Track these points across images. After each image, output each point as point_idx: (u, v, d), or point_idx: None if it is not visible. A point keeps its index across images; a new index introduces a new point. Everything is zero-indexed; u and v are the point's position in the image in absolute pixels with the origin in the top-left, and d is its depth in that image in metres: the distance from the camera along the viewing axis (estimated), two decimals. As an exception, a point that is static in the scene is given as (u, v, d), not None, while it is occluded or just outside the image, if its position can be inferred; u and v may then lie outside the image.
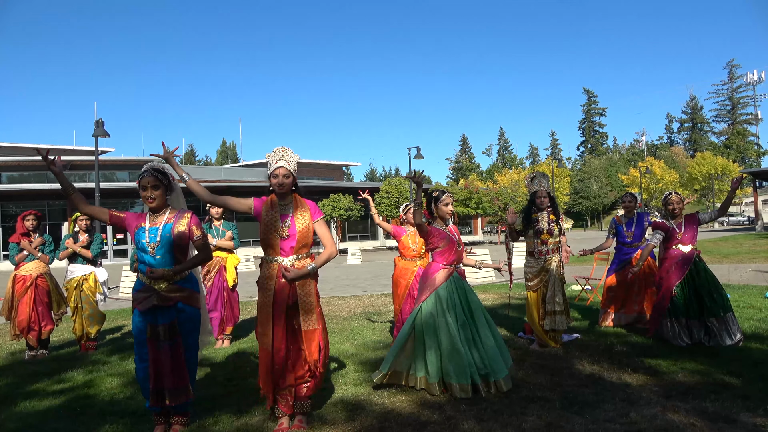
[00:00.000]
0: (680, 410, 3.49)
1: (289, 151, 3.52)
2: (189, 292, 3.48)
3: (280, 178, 3.47)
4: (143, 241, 3.41)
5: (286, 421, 3.46)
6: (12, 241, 6.07)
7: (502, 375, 4.00)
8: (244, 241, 35.80)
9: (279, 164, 3.47)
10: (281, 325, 3.41)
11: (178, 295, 3.41)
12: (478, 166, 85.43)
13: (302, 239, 3.46)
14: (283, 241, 3.45)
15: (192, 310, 3.50)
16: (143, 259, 3.44)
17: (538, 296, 5.34)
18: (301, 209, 3.52)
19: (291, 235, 3.45)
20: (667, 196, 5.62)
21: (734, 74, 79.84)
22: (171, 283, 3.40)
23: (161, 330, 3.37)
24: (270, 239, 3.45)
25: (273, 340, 3.40)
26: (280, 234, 3.44)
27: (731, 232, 34.31)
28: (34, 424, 3.76)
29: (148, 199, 3.44)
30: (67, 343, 6.80)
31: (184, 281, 3.48)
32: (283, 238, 3.44)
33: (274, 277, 3.44)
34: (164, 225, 3.43)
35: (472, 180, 45.27)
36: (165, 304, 3.38)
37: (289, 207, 3.52)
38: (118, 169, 38.21)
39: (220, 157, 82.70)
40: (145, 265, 3.42)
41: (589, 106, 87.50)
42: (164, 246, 3.40)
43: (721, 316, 5.18)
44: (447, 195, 4.43)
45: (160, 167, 3.56)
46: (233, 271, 6.42)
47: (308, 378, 3.46)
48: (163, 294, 3.37)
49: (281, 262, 3.44)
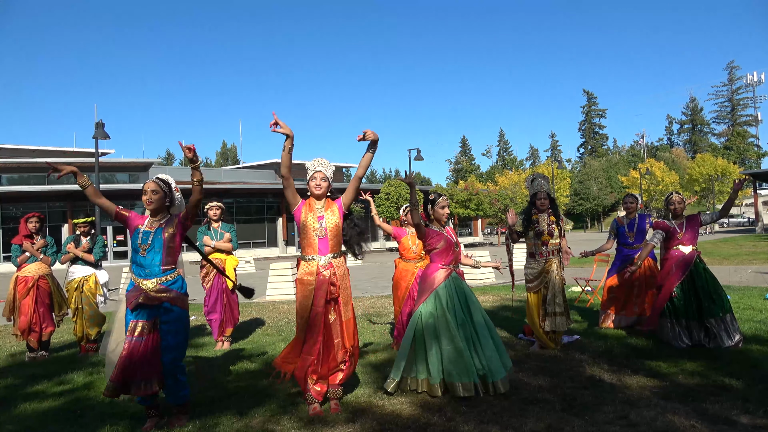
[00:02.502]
0: (680, 412, 3.49)
1: (326, 161, 3.95)
2: (176, 293, 3.64)
3: (318, 180, 3.87)
4: (137, 242, 3.64)
5: (318, 406, 3.77)
6: (14, 243, 6.09)
7: (500, 376, 3.99)
8: (243, 242, 35.61)
9: (318, 168, 3.89)
10: (319, 319, 3.72)
11: (164, 295, 3.58)
12: (478, 168, 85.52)
13: (333, 237, 3.81)
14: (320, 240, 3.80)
15: (179, 311, 3.66)
16: (135, 258, 3.65)
17: (539, 298, 5.34)
18: (330, 209, 3.86)
19: (325, 234, 3.80)
20: (669, 196, 5.62)
21: (734, 76, 80.00)
22: (158, 283, 3.59)
23: (141, 326, 3.53)
24: (308, 239, 3.81)
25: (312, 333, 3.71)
26: (318, 234, 3.79)
27: (731, 234, 34.31)
28: (34, 426, 3.76)
29: (147, 202, 3.69)
30: (68, 344, 6.81)
31: (171, 283, 3.63)
32: (321, 237, 3.79)
33: (314, 274, 3.75)
34: (156, 229, 3.65)
35: (472, 181, 45.32)
36: (150, 303, 3.55)
37: (323, 209, 3.86)
38: (119, 170, 38.20)
39: (220, 158, 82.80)
40: (136, 265, 3.63)
41: (589, 108, 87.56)
42: (153, 248, 3.62)
43: (720, 317, 5.18)
44: (443, 198, 4.45)
45: (165, 178, 3.83)
46: (232, 272, 6.42)
47: (341, 367, 3.82)
48: (150, 294, 3.55)
49: (319, 261, 3.77)
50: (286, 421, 3.63)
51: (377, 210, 8.08)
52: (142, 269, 3.61)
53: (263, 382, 4.58)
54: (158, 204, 3.69)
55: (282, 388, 4.31)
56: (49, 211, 30.29)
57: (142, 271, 3.61)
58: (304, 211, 3.83)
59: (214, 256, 6.35)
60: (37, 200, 30.49)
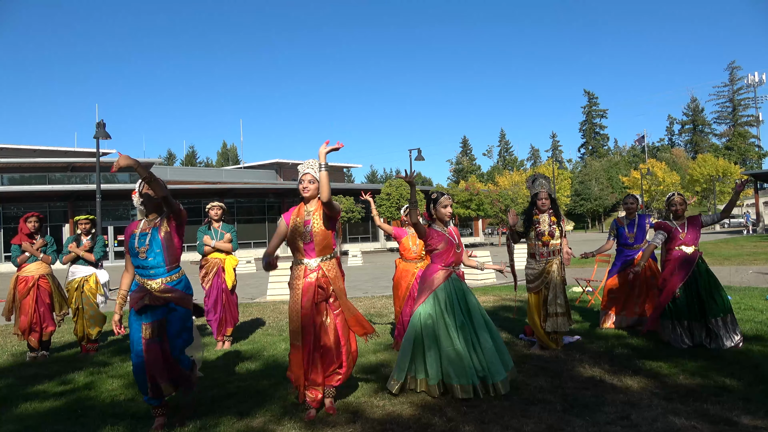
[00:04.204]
0: (681, 412, 3.49)
1: (315, 162, 3.77)
2: (180, 294, 3.64)
3: (305, 182, 3.78)
4: (134, 246, 3.61)
5: (314, 412, 3.72)
6: (14, 243, 6.09)
7: (500, 378, 3.98)
8: (243, 242, 35.62)
9: (306, 171, 3.80)
10: (309, 323, 3.67)
11: (169, 295, 3.58)
12: (479, 168, 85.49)
13: (321, 241, 3.73)
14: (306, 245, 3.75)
15: (183, 310, 3.66)
16: (137, 262, 3.63)
17: (539, 298, 5.34)
18: (319, 212, 3.76)
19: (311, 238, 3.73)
20: (671, 197, 5.62)
21: (735, 76, 79.90)
22: (163, 283, 3.58)
23: (150, 327, 3.53)
24: (295, 243, 3.78)
25: (303, 337, 3.67)
26: (303, 238, 3.73)
27: (732, 234, 34.29)
28: (35, 426, 3.76)
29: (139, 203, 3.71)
30: (68, 344, 6.81)
31: (176, 282, 3.64)
32: (306, 242, 3.74)
33: (302, 277, 3.73)
34: (152, 229, 3.63)
35: (473, 182, 45.32)
36: (156, 304, 3.55)
37: (311, 213, 3.78)
38: (120, 170, 38.15)
39: (221, 158, 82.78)
40: (140, 268, 3.61)
41: (590, 108, 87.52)
42: (152, 249, 3.59)
43: (721, 317, 5.18)
44: (446, 197, 4.42)
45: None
46: (232, 272, 6.43)
47: (338, 370, 3.77)
48: (155, 294, 3.55)
49: (307, 264, 3.74)
50: (287, 421, 3.63)
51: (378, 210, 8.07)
52: (146, 270, 3.60)
53: (264, 382, 4.58)
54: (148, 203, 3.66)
55: (282, 388, 4.31)
56: (50, 211, 30.30)
57: (146, 271, 3.60)
58: (293, 216, 3.80)
59: (214, 255, 6.36)
60: (38, 200, 30.49)
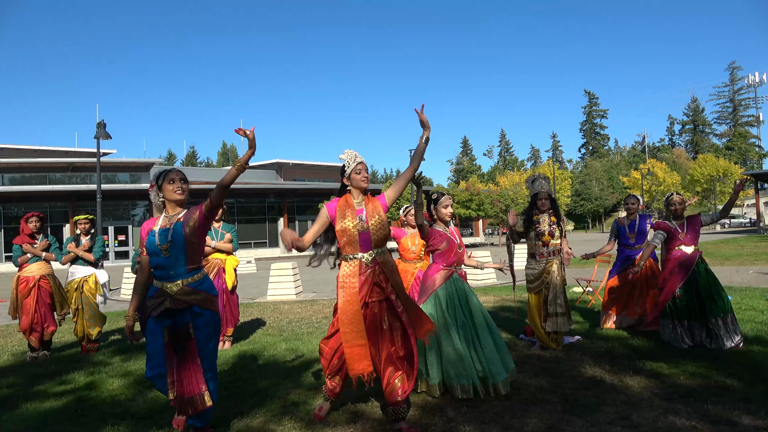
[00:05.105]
0: (681, 413, 3.49)
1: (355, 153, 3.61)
2: (204, 295, 3.28)
3: (364, 172, 3.54)
4: (154, 244, 3.24)
5: (328, 405, 3.64)
6: (15, 243, 6.10)
7: (500, 378, 3.97)
8: (244, 243, 35.51)
9: (360, 159, 3.55)
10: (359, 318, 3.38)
11: (192, 297, 3.23)
12: (480, 168, 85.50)
13: (377, 231, 3.43)
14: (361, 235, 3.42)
15: (210, 314, 3.29)
16: (155, 262, 3.27)
17: (540, 298, 5.34)
18: (372, 203, 3.52)
19: (367, 229, 3.43)
20: (669, 197, 5.62)
21: (736, 76, 79.96)
22: (184, 285, 3.24)
23: (174, 334, 3.22)
24: (348, 235, 3.43)
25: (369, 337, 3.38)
26: (360, 228, 3.42)
27: (732, 234, 34.26)
28: (36, 426, 3.76)
29: (177, 191, 3.31)
30: (69, 344, 6.81)
31: (199, 284, 3.28)
32: (362, 231, 3.42)
33: (356, 275, 3.41)
34: (174, 224, 3.26)
35: (473, 182, 45.32)
36: (178, 307, 3.21)
37: (362, 203, 3.53)
38: (120, 170, 38.25)
39: (221, 159, 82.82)
40: (158, 269, 3.28)
41: (591, 108, 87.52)
42: (175, 245, 3.22)
43: (721, 318, 5.18)
44: (446, 197, 4.42)
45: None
46: (232, 272, 6.42)
47: (397, 382, 3.36)
48: (176, 297, 3.21)
49: (362, 258, 3.43)
50: (287, 421, 3.63)
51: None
52: (165, 271, 3.23)
53: (264, 382, 4.58)
54: (187, 196, 3.33)
55: (282, 388, 4.31)
56: (50, 211, 30.32)
57: (165, 272, 3.23)
58: (340, 209, 3.47)
59: (214, 256, 6.36)
60: (39, 200, 30.52)
